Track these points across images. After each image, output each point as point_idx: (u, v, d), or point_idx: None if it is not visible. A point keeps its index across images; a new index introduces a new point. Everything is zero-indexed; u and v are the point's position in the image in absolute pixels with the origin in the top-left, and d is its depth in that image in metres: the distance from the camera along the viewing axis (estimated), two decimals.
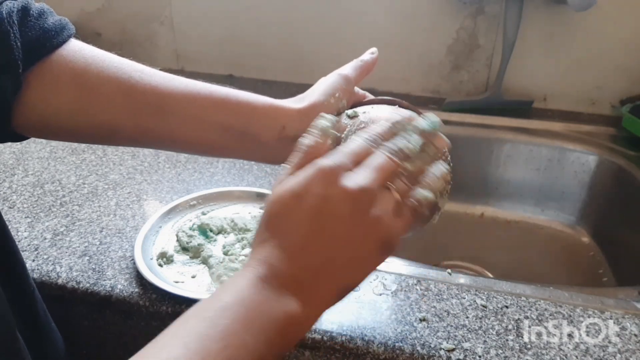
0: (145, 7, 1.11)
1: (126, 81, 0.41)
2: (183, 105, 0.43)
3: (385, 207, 0.33)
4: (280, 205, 0.33)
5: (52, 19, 0.41)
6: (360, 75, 0.48)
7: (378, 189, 0.33)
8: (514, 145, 0.93)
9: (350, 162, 0.33)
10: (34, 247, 0.60)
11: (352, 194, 0.32)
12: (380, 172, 0.33)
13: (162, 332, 0.32)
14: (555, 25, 0.92)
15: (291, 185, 0.33)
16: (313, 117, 0.43)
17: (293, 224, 0.32)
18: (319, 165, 0.33)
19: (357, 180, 0.32)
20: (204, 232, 0.60)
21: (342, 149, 0.34)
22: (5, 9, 0.38)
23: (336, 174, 0.32)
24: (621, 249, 0.84)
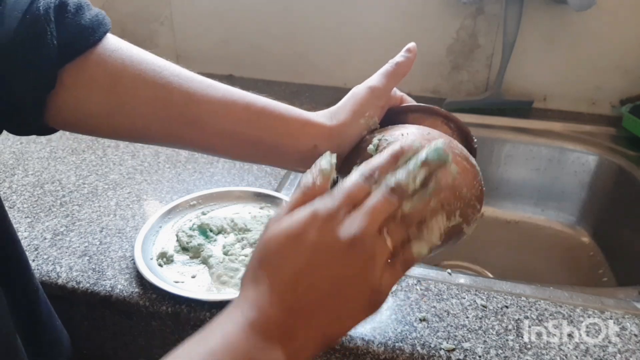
0: (145, 7, 1.11)
1: (163, 87, 0.41)
2: (218, 117, 0.42)
3: (377, 259, 0.32)
4: (276, 245, 0.32)
5: (89, 14, 0.40)
6: (393, 81, 0.45)
7: (372, 237, 0.32)
8: (514, 145, 0.93)
9: (346, 205, 0.32)
10: (34, 247, 0.60)
11: (345, 244, 0.31)
12: (373, 217, 0.32)
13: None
14: (555, 25, 0.92)
15: (286, 226, 0.32)
16: (344, 136, 0.44)
17: (286, 267, 0.32)
18: (314, 210, 0.32)
19: (350, 230, 0.31)
20: (204, 232, 0.60)
21: (339, 191, 0.33)
22: (42, 5, 0.37)
23: (330, 221, 0.32)
24: (621, 249, 0.84)
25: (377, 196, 0.32)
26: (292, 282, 0.31)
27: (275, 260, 0.32)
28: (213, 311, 0.51)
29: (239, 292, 0.34)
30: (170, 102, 0.41)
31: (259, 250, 0.33)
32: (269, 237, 0.33)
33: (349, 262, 0.31)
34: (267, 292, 0.31)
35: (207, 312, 0.51)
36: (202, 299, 0.52)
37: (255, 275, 0.33)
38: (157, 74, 0.41)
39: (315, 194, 0.34)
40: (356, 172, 0.34)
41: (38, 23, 0.37)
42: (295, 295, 0.31)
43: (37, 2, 0.37)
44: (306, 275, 0.31)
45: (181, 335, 0.54)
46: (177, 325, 0.54)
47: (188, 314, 0.51)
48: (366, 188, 0.33)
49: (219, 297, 0.52)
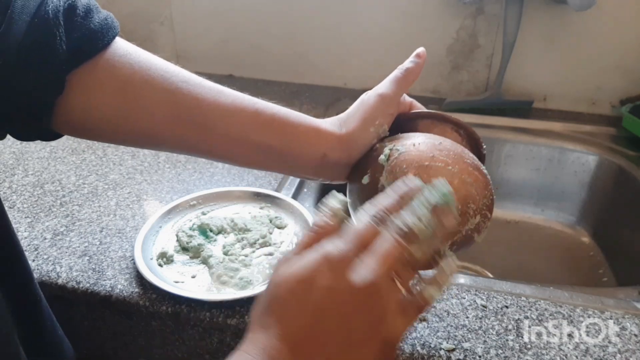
0: (145, 7, 1.11)
1: (171, 93, 0.41)
2: (226, 124, 0.42)
3: (390, 304, 0.31)
4: (285, 290, 0.32)
5: (97, 17, 0.40)
6: (403, 87, 0.45)
7: (384, 281, 0.31)
8: (514, 145, 0.93)
9: (357, 247, 0.32)
10: (34, 247, 0.60)
11: (358, 290, 0.30)
12: (385, 262, 0.31)
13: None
14: (555, 25, 0.92)
15: (297, 269, 0.32)
16: (354, 145, 0.44)
17: (297, 314, 0.31)
18: (326, 252, 0.32)
19: (363, 274, 0.31)
20: (204, 232, 0.60)
21: (350, 233, 0.33)
22: (51, 8, 0.37)
23: (342, 265, 0.31)
24: (621, 249, 0.84)
25: (388, 239, 0.32)
26: (303, 329, 0.31)
27: (285, 305, 0.31)
28: (213, 311, 0.51)
29: (248, 334, 0.33)
30: (179, 107, 0.41)
31: (268, 293, 0.33)
32: (279, 280, 0.32)
33: (361, 308, 0.31)
34: (277, 340, 0.31)
35: (207, 312, 0.51)
36: (202, 299, 0.51)
37: (265, 320, 0.32)
38: (166, 79, 0.41)
39: (326, 234, 0.34)
40: (364, 213, 0.34)
41: (47, 27, 0.36)
42: (306, 344, 0.31)
43: (46, 5, 0.37)
44: (318, 323, 0.31)
45: (181, 335, 0.54)
46: (177, 325, 0.54)
47: (188, 314, 0.51)
48: (376, 230, 0.33)
49: (219, 297, 0.52)
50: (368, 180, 0.43)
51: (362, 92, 0.47)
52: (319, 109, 0.97)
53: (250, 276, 0.54)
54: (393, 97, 0.45)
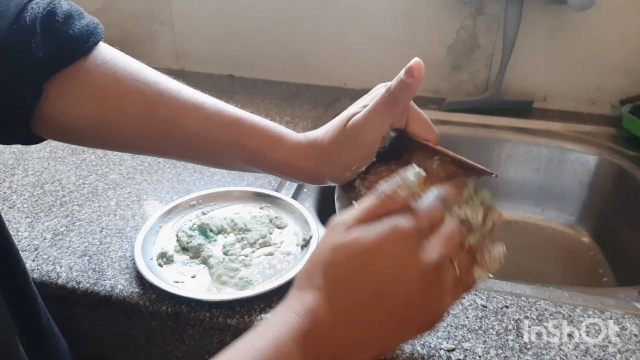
0: (145, 7, 1.11)
1: (151, 104, 0.41)
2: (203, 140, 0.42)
3: (446, 284, 0.31)
4: (346, 257, 0.30)
5: (79, 23, 0.40)
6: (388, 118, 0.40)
7: (447, 263, 0.31)
8: (514, 145, 0.93)
9: (427, 227, 0.31)
10: (34, 247, 0.60)
11: (425, 268, 0.30)
12: (450, 244, 0.31)
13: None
14: (555, 25, 0.92)
15: (363, 237, 0.30)
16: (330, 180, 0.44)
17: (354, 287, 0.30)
18: (400, 224, 0.31)
19: (433, 255, 0.30)
20: (204, 232, 0.60)
21: (423, 210, 0.32)
22: (29, 15, 0.37)
23: (413, 241, 0.30)
24: (621, 249, 0.84)
25: (453, 225, 0.32)
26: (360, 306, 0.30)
27: (344, 274, 0.30)
28: (213, 311, 0.51)
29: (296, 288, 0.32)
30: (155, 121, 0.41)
31: (325, 256, 0.31)
32: (341, 244, 0.31)
33: (424, 286, 0.30)
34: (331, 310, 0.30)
35: (207, 312, 0.51)
36: (202, 299, 0.51)
37: (318, 283, 0.31)
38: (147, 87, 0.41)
39: (396, 208, 0.32)
40: (432, 194, 0.34)
41: (23, 34, 0.36)
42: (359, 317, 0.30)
43: (25, 12, 0.37)
44: (378, 297, 0.30)
45: (181, 335, 0.54)
46: (177, 325, 0.54)
47: (188, 314, 0.51)
48: (443, 213, 0.33)
49: (219, 297, 0.52)
50: None
51: (362, 92, 0.43)
52: (319, 109, 0.96)
53: (250, 276, 0.54)
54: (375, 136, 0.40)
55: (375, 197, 0.32)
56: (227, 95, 1.01)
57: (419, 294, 0.30)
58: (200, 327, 0.52)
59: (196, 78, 1.11)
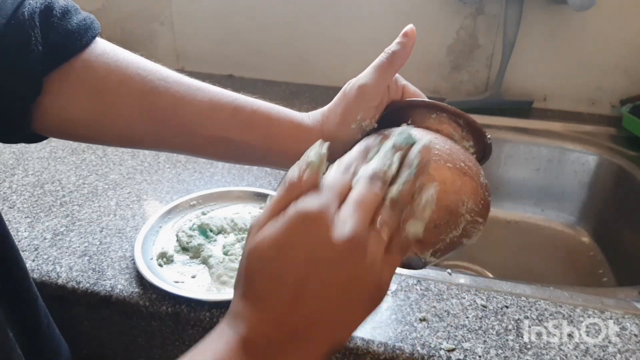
0: (145, 7, 1.11)
1: (148, 92, 0.40)
2: (205, 123, 0.41)
3: (375, 255, 0.29)
4: (259, 259, 0.29)
5: (76, 18, 0.40)
6: (387, 75, 0.41)
7: (366, 232, 0.29)
8: (514, 145, 0.93)
9: (334, 201, 0.29)
10: (34, 247, 0.60)
11: (340, 246, 0.28)
12: (365, 210, 0.29)
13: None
14: (555, 25, 0.92)
15: (271, 233, 0.29)
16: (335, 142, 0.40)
17: (275, 282, 0.28)
18: (301, 208, 0.29)
19: (345, 228, 0.28)
20: (204, 232, 0.60)
21: (323, 187, 0.30)
22: (27, 10, 0.37)
23: (321, 220, 0.28)
24: (621, 249, 0.84)
25: (361, 188, 0.30)
26: (285, 297, 0.28)
27: (263, 275, 0.29)
28: (213, 311, 0.51)
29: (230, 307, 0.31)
30: (156, 106, 0.40)
31: (245, 263, 0.30)
32: (253, 247, 0.29)
33: (346, 265, 0.28)
34: (260, 309, 0.29)
35: (207, 312, 0.51)
36: (202, 299, 0.51)
37: (244, 290, 0.30)
38: (144, 78, 0.40)
39: (302, 191, 0.30)
40: (333, 168, 0.32)
41: (22, 29, 0.36)
42: (290, 311, 0.28)
43: (22, 7, 0.37)
44: (301, 288, 0.28)
45: (181, 335, 0.54)
46: (177, 325, 0.54)
47: (188, 314, 0.51)
48: (348, 182, 0.31)
49: (219, 297, 0.52)
50: None
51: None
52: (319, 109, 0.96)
53: None
54: (375, 87, 0.41)
55: (282, 186, 0.31)
56: None
57: (343, 273, 0.28)
58: (200, 327, 0.52)
59: (196, 78, 1.11)
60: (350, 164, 0.32)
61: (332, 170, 0.32)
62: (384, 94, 0.43)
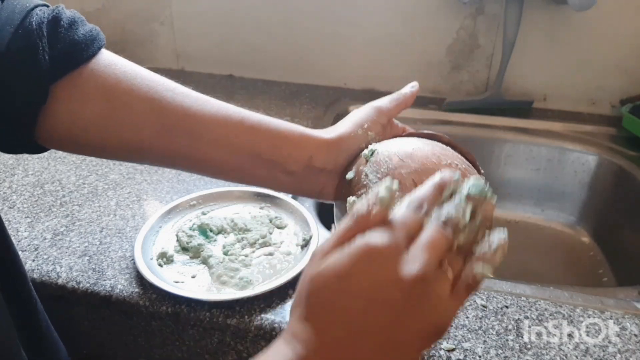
0: (145, 7, 1.11)
1: (157, 102, 0.41)
2: (213, 131, 0.42)
3: (440, 292, 0.30)
4: (324, 286, 0.29)
5: (82, 29, 0.40)
6: (397, 108, 0.47)
7: (434, 272, 0.29)
8: (514, 145, 0.93)
9: (404, 239, 0.30)
10: (34, 247, 0.60)
11: (408, 284, 0.28)
12: (434, 252, 0.30)
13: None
14: (555, 25, 0.92)
15: (336, 262, 0.29)
16: (341, 148, 0.44)
17: (337, 313, 0.29)
18: (371, 242, 0.29)
19: (413, 268, 0.28)
20: (204, 232, 0.60)
21: (395, 223, 0.30)
22: (35, 20, 0.37)
23: (388, 257, 0.29)
24: (621, 249, 0.84)
25: (434, 231, 0.31)
26: (348, 328, 0.29)
27: (326, 303, 0.29)
28: (213, 311, 0.51)
29: (288, 324, 0.31)
30: (165, 116, 0.41)
31: (307, 287, 0.30)
32: (316, 273, 0.30)
33: (412, 302, 0.29)
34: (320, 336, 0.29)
35: (207, 312, 0.51)
36: (202, 299, 0.52)
37: (306, 314, 0.30)
38: (151, 88, 0.41)
39: (369, 225, 0.30)
40: (405, 203, 0.32)
41: (30, 37, 0.37)
42: (351, 341, 0.29)
43: (30, 17, 0.37)
44: (364, 320, 0.29)
45: (181, 335, 0.54)
46: (177, 325, 0.54)
47: (188, 314, 0.51)
48: (419, 220, 0.31)
49: (219, 297, 0.52)
50: (353, 175, 0.43)
51: (362, 92, 0.47)
52: (319, 109, 0.96)
53: (250, 276, 0.54)
54: (387, 110, 0.46)
55: (349, 218, 0.31)
56: (227, 95, 1.01)
57: (407, 311, 0.29)
58: (200, 327, 0.52)
59: (196, 78, 1.11)
60: (423, 201, 0.32)
61: (404, 206, 0.32)
62: (389, 125, 0.48)
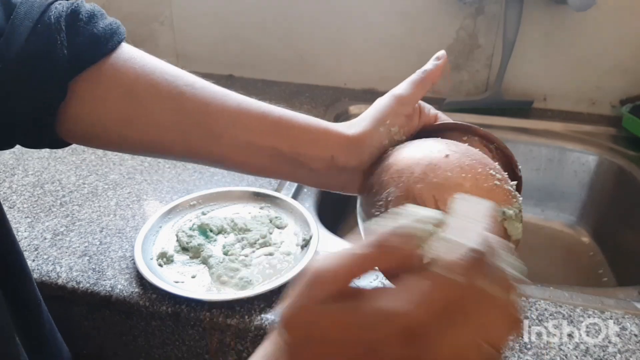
0: (145, 7, 1.11)
1: (176, 97, 0.40)
2: (233, 128, 0.41)
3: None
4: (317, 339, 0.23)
5: (102, 23, 0.39)
6: (420, 91, 0.43)
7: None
8: (514, 145, 0.93)
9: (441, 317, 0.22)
10: (34, 247, 0.60)
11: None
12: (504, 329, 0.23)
13: None
14: (555, 25, 0.92)
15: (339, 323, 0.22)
16: (363, 147, 0.41)
17: None
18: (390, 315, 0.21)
19: None
20: (204, 232, 0.60)
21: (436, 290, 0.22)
22: (54, 14, 0.37)
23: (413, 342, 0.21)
24: (621, 249, 0.84)
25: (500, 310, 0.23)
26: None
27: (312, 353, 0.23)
28: (213, 311, 0.51)
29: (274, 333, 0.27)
30: (185, 112, 0.40)
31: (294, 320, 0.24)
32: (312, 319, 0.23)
33: None
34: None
35: (207, 312, 0.51)
36: (202, 299, 0.52)
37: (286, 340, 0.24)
38: (171, 83, 0.40)
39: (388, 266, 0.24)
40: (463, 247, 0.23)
41: (49, 32, 0.36)
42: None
43: (49, 11, 0.37)
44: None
45: (181, 335, 0.54)
46: (177, 325, 0.54)
47: (188, 314, 0.51)
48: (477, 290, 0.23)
49: (219, 297, 0.52)
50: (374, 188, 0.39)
51: (362, 92, 0.45)
52: (319, 109, 0.96)
53: (250, 276, 0.54)
54: (409, 98, 0.43)
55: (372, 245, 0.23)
56: None
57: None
58: (200, 327, 0.52)
59: None
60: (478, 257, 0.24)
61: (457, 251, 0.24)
62: (416, 111, 0.44)
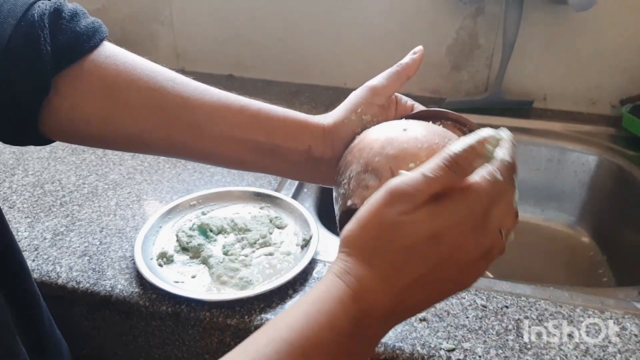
0: (145, 7, 1.11)
1: (157, 92, 0.41)
2: (213, 121, 0.42)
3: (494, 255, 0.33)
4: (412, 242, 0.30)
5: (84, 21, 0.40)
6: (395, 83, 0.44)
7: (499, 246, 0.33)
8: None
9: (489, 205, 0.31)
10: (34, 247, 0.60)
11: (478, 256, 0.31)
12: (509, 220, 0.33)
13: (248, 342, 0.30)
14: (555, 25, 0.92)
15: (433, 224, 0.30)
16: (337, 135, 0.43)
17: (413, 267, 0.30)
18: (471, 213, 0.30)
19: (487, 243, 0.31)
20: (204, 232, 0.60)
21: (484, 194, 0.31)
22: (37, 12, 0.37)
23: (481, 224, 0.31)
24: (621, 249, 0.84)
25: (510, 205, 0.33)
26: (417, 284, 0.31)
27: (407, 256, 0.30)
28: (213, 311, 0.51)
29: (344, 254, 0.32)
30: (165, 106, 0.41)
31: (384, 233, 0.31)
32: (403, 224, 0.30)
33: (473, 271, 0.32)
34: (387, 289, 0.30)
35: (207, 312, 0.51)
36: (202, 299, 0.52)
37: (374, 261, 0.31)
38: (152, 79, 0.41)
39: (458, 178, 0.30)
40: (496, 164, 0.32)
41: (32, 29, 0.37)
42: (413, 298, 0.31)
43: (32, 9, 0.38)
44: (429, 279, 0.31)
45: (181, 335, 0.54)
46: (177, 325, 0.54)
47: (188, 314, 0.51)
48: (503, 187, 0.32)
49: (219, 297, 0.52)
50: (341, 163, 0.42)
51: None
52: (319, 109, 0.96)
53: (250, 276, 0.54)
54: (382, 89, 0.44)
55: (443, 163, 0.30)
56: None
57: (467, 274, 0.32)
58: (200, 327, 0.52)
59: (196, 78, 1.11)
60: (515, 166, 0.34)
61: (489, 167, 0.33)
62: (392, 102, 0.45)
